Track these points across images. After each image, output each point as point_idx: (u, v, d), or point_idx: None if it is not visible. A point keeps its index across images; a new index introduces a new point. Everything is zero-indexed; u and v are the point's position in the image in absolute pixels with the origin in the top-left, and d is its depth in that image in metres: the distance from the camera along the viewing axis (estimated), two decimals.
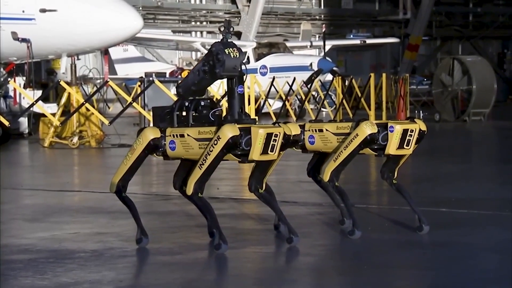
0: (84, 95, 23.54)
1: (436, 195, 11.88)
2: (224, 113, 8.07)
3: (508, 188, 12.84)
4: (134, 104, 23.95)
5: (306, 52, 40.68)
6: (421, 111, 31.11)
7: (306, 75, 35.29)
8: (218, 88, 27.56)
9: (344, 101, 30.94)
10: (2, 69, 23.77)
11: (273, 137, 7.64)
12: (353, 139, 8.16)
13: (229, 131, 7.49)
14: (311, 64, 36.40)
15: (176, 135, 7.92)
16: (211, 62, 7.86)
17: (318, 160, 8.99)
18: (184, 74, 28.98)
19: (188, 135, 7.87)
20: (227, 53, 7.78)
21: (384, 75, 25.85)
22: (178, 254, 8.11)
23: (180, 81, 8.99)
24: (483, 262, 7.80)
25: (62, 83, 23.13)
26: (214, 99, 8.70)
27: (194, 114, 7.95)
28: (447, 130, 27.17)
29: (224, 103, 17.20)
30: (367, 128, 8.18)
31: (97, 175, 15.61)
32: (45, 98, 24.15)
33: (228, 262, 7.72)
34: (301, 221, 8.84)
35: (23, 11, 21.82)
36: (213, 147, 7.53)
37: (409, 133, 8.41)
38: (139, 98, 24.50)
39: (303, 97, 34.89)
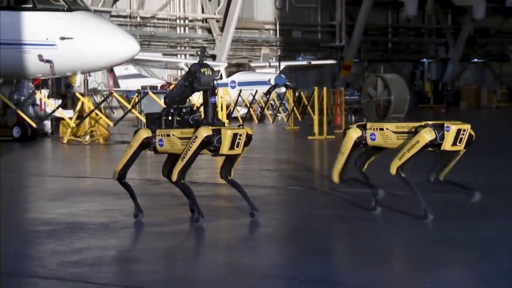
0: (94, 103, 23.36)
1: (381, 179, 11.80)
2: (201, 118, 8.10)
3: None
4: (133, 110, 23.87)
5: (265, 70, 40.69)
6: (353, 116, 31.19)
7: (265, 88, 35.43)
8: (198, 98, 27.54)
9: (294, 108, 30.95)
10: (31, 83, 23.56)
11: (238, 137, 7.74)
12: (415, 144, 7.72)
13: (204, 132, 7.59)
14: (269, 80, 36.50)
15: (164, 134, 7.99)
16: (190, 78, 7.97)
17: (364, 154, 8.64)
18: (171, 87, 28.82)
19: (173, 134, 7.94)
20: (202, 71, 7.89)
21: (325, 88, 25.72)
22: (166, 226, 8.12)
23: (167, 93, 9.04)
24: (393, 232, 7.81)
25: (77, 94, 23.10)
26: (194, 107, 8.70)
27: (177, 118, 8.00)
28: None
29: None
30: (427, 135, 7.67)
31: (104, 166, 15.51)
32: (64, 106, 23.96)
33: (205, 231, 7.73)
34: (261, 200, 8.81)
35: (47, 39, 21.64)
36: (192, 144, 7.61)
37: (461, 132, 7.75)
38: (137, 105, 24.44)
39: (263, 105, 35.03)
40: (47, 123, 23.78)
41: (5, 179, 14.02)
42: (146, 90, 25.65)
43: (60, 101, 24.47)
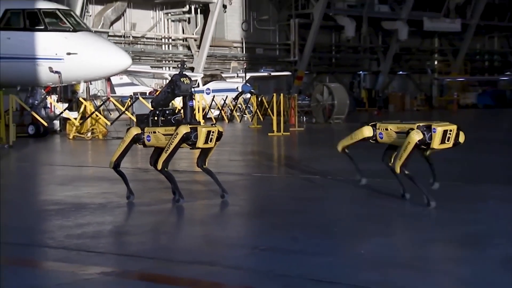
0: (94, 106, 23.24)
1: (314, 168, 11.87)
2: (181, 118, 8.08)
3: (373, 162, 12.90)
4: (126, 112, 23.80)
5: (234, 80, 40.73)
6: (304, 117, 31.24)
7: (234, 94, 35.53)
8: (179, 102, 27.48)
9: (257, 110, 31.00)
10: (43, 90, 23.41)
11: (211, 133, 7.71)
12: (408, 144, 7.19)
13: (184, 129, 7.56)
14: (237, 88, 36.60)
15: (151, 132, 7.93)
16: (172, 86, 7.97)
17: (388, 150, 7.99)
18: (157, 93, 28.71)
19: (158, 132, 7.89)
20: (182, 80, 7.89)
21: (282, 94, 25.81)
22: (152, 205, 8.08)
23: (153, 98, 9.02)
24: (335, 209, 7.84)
25: (80, 98, 22.94)
26: (176, 110, 8.68)
27: (162, 119, 7.97)
28: (321, 128, 27.30)
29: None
30: (416, 136, 7.18)
31: (102, 157, 15.40)
32: (70, 108, 23.80)
33: (184, 210, 7.71)
34: (230, 184, 8.79)
35: (56, 54, 21.54)
36: (174, 139, 7.58)
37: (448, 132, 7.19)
38: (129, 108, 24.35)
39: (233, 108, 35.06)
40: (56, 123, 23.70)
41: (22, 168, 13.94)
42: (137, 96, 25.65)
43: (66, 105, 24.45)
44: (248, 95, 35.17)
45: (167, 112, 8.09)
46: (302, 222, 6.88)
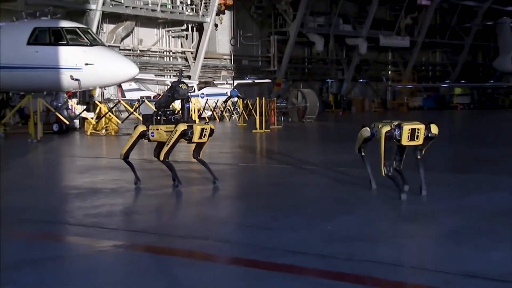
0: (108, 108, 23.12)
1: (290, 158, 11.87)
2: (179, 118, 8.06)
3: (340, 154, 12.92)
4: (134, 113, 23.70)
5: (224, 86, 40.70)
6: (282, 117, 31.24)
7: (224, 98, 35.58)
8: (178, 104, 27.42)
9: (243, 111, 30.96)
10: (65, 94, 23.29)
11: (204, 130, 7.68)
12: (380, 141, 6.60)
13: (182, 127, 7.54)
14: (227, 92, 36.64)
15: (155, 129, 7.90)
16: (172, 91, 7.95)
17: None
18: (160, 97, 28.60)
19: (160, 129, 7.86)
20: (180, 86, 7.88)
21: (263, 98, 25.79)
22: (156, 190, 8.04)
23: (157, 101, 9.02)
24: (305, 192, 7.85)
25: (96, 101, 22.93)
26: (176, 111, 8.63)
27: (163, 118, 7.93)
28: (296, 126, 27.33)
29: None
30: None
31: (114, 150, 15.33)
32: (87, 109, 23.71)
33: (182, 194, 7.67)
34: (220, 173, 8.77)
35: (76, 64, 21.45)
36: (173, 135, 7.56)
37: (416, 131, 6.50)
38: (137, 109, 24.27)
39: (223, 109, 34.99)
40: (76, 121, 23.65)
41: (48, 159, 13.85)
42: (143, 99, 25.55)
43: (85, 106, 24.40)
44: (236, 99, 35.22)
45: (168, 112, 8.07)
46: (280, 203, 6.88)
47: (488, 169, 9.86)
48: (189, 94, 8.19)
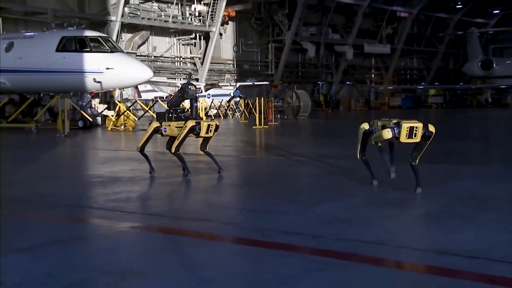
0: (126, 107, 23.07)
1: (286, 151, 11.84)
2: (189, 115, 8.05)
3: (329, 147, 12.90)
4: (149, 111, 23.68)
5: (228, 88, 40.62)
6: (278, 114, 31.18)
7: (228, 98, 35.50)
8: (188, 103, 27.27)
9: (244, 110, 30.90)
10: (88, 95, 23.21)
11: (210, 126, 7.67)
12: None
13: (191, 123, 7.55)
14: (230, 93, 36.53)
15: (167, 125, 7.90)
16: (182, 92, 7.94)
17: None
18: (171, 97, 28.47)
19: (172, 125, 7.87)
20: (189, 88, 7.87)
21: (262, 98, 25.71)
22: (167, 179, 8.01)
23: (169, 101, 9.03)
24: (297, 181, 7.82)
25: (116, 101, 22.88)
26: (185, 109, 8.61)
27: (175, 115, 7.92)
28: (291, 122, 27.26)
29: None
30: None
31: (132, 144, 15.30)
32: (108, 108, 23.67)
33: (191, 182, 7.65)
34: (224, 163, 8.76)
35: (98, 69, 21.36)
36: (183, 130, 7.58)
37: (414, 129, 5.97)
38: (151, 108, 24.23)
39: (226, 108, 34.92)
40: (98, 118, 23.56)
41: (74, 151, 13.82)
42: (157, 99, 25.49)
43: (106, 105, 24.32)
44: (238, 99, 35.11)
45: (179, 110, 8.06)
46: (277, 191, 6.88)
47: (457, 160, 9.86)
48: (197, 94, 8.19)
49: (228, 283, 3.44)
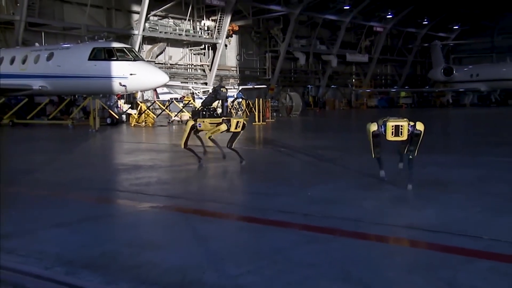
0: (146, 106, 22.99)
1: (281, 143, 11.80)
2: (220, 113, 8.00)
3: (318, 140, 12.84)
4: (166, 110, 23.59)
5: (231, 90, 40.42)
6: (274, 113, 31.07)
7: (231, 99, 35.32)
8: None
9: (246, 109, 30.79)
10: (115, 96, 23.14)
11: (238, 123, 7.63)
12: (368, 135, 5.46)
13: (224, 127, 7.56)
14: (234, 95, 36.35)
15: (201, 121, 7.80)
16: (215, 93, 7.92)
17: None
18: (185, 99, 28.21)
19: (206, 121, 7.78)
20: (221, 90, 7.84)
21: (261, 99, 25.60)
22: (182, 167, 7.89)
23: (203, 100, 8.94)
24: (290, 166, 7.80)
25: (138, 101, 22.79)
26: (216, 108, 8.53)
27: (208, 113, 7.88)
28: (285, 120, 27.17)
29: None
30: (371, 127, 5.38)
31: (152, 137, 15.27)
32: (131, 107, 23.59)
33: (202, 170, 7.61)
34: (230, 154, 8.67)
35: (123, 74, 21.28)
36: (218, 126, 7.50)
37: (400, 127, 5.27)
38: (168, 107, 24.15)
39: (230, 107, 34.63)
40: (123, 116, 23.50)
41: (103, 144, 13.77)
42: (172, 100, 25.39)
43: (129, 105, 24.25)
44: (240, 100, 34.96)
45: (211, 109, 8.00)
46: (273, 176, 6.87)
47: (423, 150, 9.81)
48: (227, 95, 8.10)
49: (231, 253, 3.44)
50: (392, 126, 5.33)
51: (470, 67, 55.09)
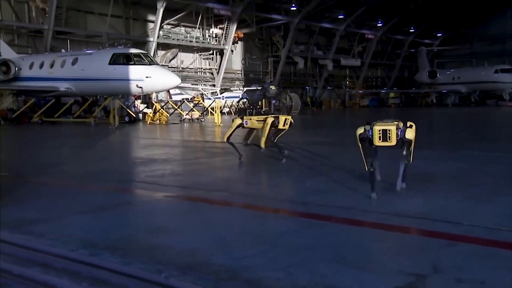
0: (160, 106, 22.99)
1: (281, 140, 11.76)
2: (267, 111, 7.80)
3: (315, 136, 12.81)
4: (178, 109, 23.56)
5: (237, 92, 40.38)
6: (276, 112, 30.99)
7: (237, 99, 35.27)
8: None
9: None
10: (132, 97, 23.17)
11: (286, 120, 6.90)
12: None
13: (270, 119, 7.13)
14: (239, 96, 36.30)
15: (248, 119, 7.48)
16: (263, 91, 7.71)
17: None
18: (196, 99, 28.15)
19: (253, 118, 7.43)
20: (270, 87, 7.66)
21: (264, 100, 25.55)
22: (194, 160, 7.88)
23: (251, 99, 8.52)
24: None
25: (153, 101, 22.78)
26: (262, 106, 8.29)
27: (254, 111, 7.73)
28: None
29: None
30: (358, 131, 4.48)
31: (165, 133, 15.28)
32: (147, 107, 23.62)
33: (211, 163, 7.59)
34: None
35: (140, 77, 21.31)
36: (266, 126, 7.11)
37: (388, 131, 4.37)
38: (179, 107, 24.11)
39: (236, 107, 34.68)
40: (140, 115, 23.52)
41: (122, 139, 13.79)
42: (183, 100, 25.40)
43: (145, 105, 24.28)
44: (245, 100, 34.88)
45: (258, 107, 7.86)
46: (274, 169, 6.86)
47: None
48: (274, 94, 7.79)
49: (237, 238, 3.45)
50: (379, 130, 4.35)
51: (452, 70, 55.08)
